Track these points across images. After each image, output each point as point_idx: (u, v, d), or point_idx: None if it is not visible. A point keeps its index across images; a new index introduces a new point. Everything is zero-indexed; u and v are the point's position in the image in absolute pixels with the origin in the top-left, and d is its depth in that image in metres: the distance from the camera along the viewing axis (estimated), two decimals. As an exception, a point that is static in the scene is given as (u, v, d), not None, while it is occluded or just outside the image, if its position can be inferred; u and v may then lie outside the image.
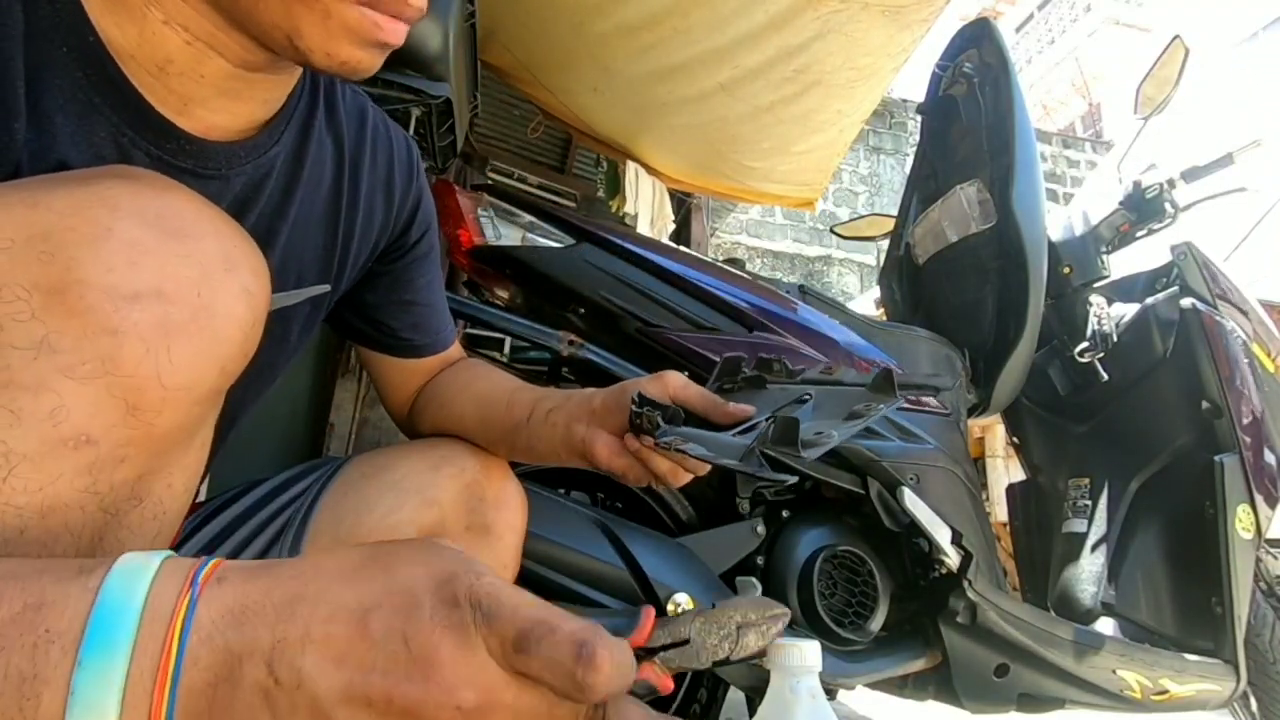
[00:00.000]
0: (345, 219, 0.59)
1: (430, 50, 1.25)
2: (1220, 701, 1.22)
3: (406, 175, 0.64)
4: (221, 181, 0.49)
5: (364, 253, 0.63)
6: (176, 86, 0.45)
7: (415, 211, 0.66)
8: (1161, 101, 1.45)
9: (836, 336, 1.13)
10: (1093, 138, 9.79)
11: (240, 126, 0.50)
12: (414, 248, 0.67)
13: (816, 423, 0.49)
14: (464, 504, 0.62)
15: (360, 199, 0.60)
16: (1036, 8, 16.50)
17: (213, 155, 0.48)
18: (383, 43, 0.44)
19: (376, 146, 0.62)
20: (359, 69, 0.45)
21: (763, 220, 6.83)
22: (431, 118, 1.37)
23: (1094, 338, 1.40)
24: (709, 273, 1.11)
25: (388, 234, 0.65)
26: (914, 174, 1.65)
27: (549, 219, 1.11)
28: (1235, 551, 1.21)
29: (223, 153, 0.49)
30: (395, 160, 0.63)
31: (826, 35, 2.20)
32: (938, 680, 1.08)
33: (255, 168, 0.51)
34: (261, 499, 0.61)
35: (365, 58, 0.45)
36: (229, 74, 0.46)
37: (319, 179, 0.57)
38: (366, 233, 0.62)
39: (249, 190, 0.52)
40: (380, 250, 0.65)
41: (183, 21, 0.44)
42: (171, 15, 0.43)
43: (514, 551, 0.64)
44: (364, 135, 0.61)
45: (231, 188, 0.50)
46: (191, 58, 0.45)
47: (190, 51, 0.45)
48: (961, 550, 1.05)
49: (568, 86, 2.66)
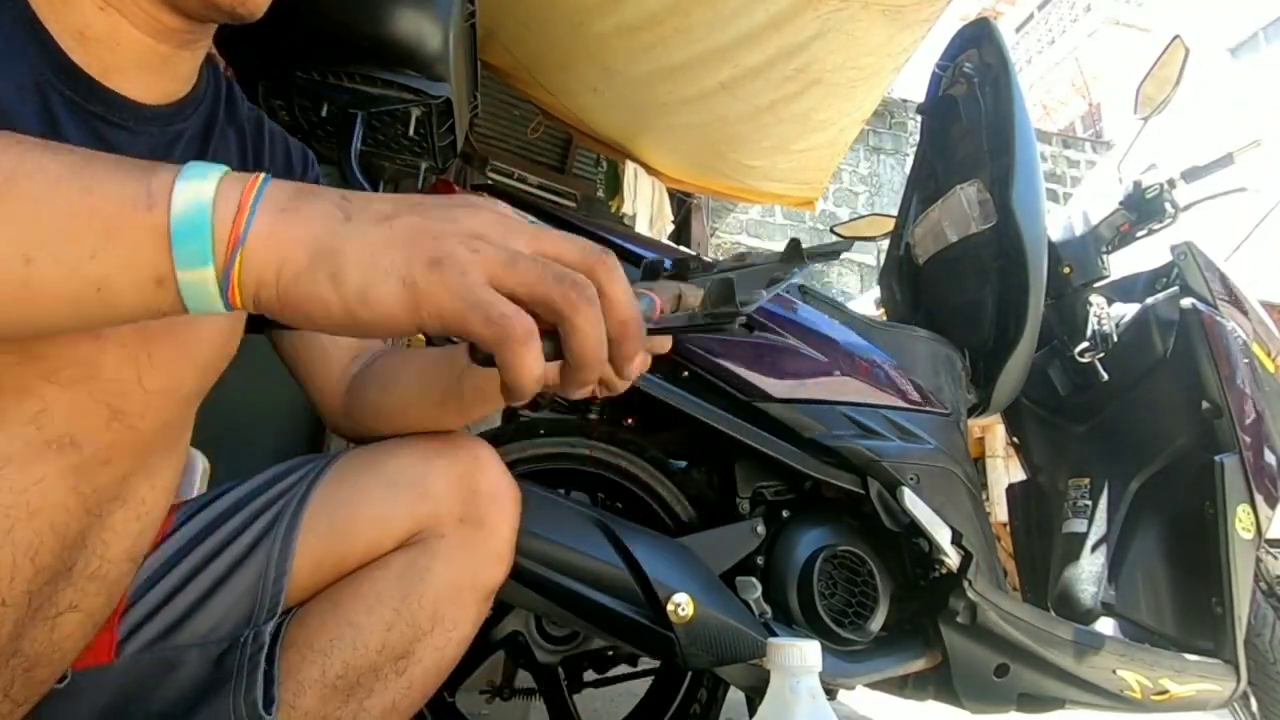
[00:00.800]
0: None
1: (430, 50, 1.25)
2: (1220, 701, 1.22)
3: (302, 163, 0.72)
4: (128, 134, 0.53)
5: None
6: (96, 52, 0.50)
7: None
8: (1161, 101, 1.45)
9: (836, 336, 1.12)
10: (1093, 138, 9.79)
11: (152, 100, 0.55)
12: None
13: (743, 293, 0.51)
14: (458, 497, 0.62)
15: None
16: (1036, 8, 16.50)
17: (121, 106, 0.53)
18: None
19: (274, 145, 0.69)
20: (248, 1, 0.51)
21: (763, 220, 6.83)
22: (431, 118, 1.37)
23: (1094, 338, 1.40)
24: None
25: None
26: (914, 174, 1.65)
27: (549, 219, 1.11)
28: (1235, 551, 1.21)
29: (130, 107, 0.53)
30: (292, 154, 0.71)
31: (827, 34, 2.20)
32: (938, 680, 1.08)
33: (161, 133, 0.56)
34: (252, 492, 0.61)
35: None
36: (141, 44, 0.52)
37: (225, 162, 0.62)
38: None
39: (153, 154, 0.55)
40: None
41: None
42: None
43: (508, 543, 0.64)
44: (262, 134, 0.68)
45: (136, 144, 0.54)
46: (107, 25, 0.51)
47: (104, 18, 0.50)
48: (961, 550, 1.05)
49: (568, 86, 2.66)
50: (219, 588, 0.55)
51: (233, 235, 0.31)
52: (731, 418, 1.01)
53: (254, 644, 0.54)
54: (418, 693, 0.59)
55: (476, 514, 0.62)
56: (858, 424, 1.07)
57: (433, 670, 0.60)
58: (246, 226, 0.31)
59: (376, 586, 0.58)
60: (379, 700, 0.57)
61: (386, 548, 0.60)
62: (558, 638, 1.09)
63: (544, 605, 0.90)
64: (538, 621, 1.08)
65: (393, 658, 0.57)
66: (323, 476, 0.62)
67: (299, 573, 0.58)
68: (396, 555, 0.60)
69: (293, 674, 0.55)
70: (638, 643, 0.91)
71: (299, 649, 0.56)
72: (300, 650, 0.56)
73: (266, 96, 1.29)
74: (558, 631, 1.09)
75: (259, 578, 0.56)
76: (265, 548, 0.57)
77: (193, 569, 0.55)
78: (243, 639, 0.54)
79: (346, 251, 0.32)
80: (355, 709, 0.56)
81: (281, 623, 0.57)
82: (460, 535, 0.61)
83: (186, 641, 0.54)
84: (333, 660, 0.56)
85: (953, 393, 1.23)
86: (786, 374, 1.04)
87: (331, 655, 0.56)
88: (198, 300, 0.32)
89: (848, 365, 1.09)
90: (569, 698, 1.08)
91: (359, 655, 0.56)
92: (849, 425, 1.06)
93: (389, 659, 0.57)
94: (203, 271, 0.31)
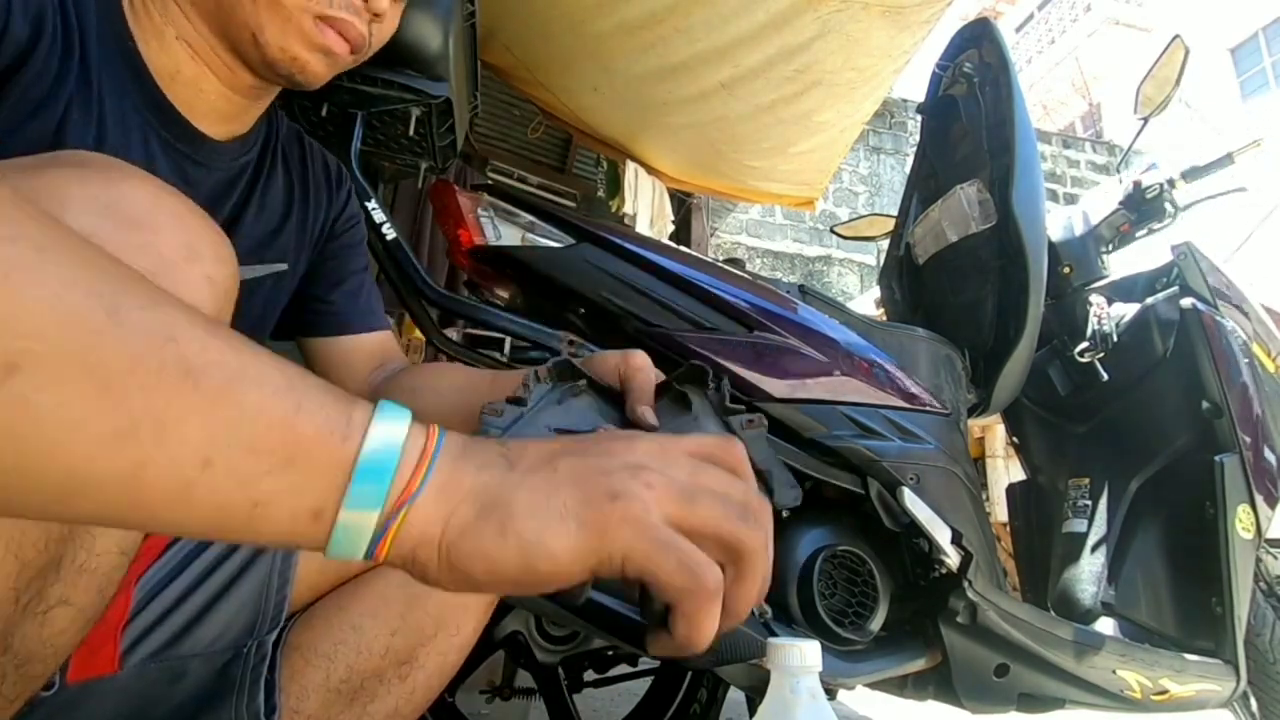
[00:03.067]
0: (298, 209, 0.73)
1: (430, 50, 1.25)
2: (1220, 701, 1.22)
3: (338, 176, 0.80)
4: (206, 171, 0.62)
5: (312, 237, 0.75)
6: (182, 94, 0.58)
7: (345, 205, 0.80)
8: (1162, 101, 1.45)
9: (836, 336, 1.12)
10: (1093, 138, 9.79)
11: (223, 137, 0.63)
12: (346, 234, 0.80)
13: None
14: None
15: (310, 193, 0.74)
16: (1036, 8, 16.50)
17: (204, 146, 0.61)
18: (326, 48, 0.58)
19: (314, 157, 0.78)
20: (306, 69, 0.59)
21: (763, 220, 6.82)
22: (431, 118, 1.37)
23: (1094, 338, 1.40)
24: (709, 273, 1.11)
25: (329, 221, 0.78)
26: (914, 174, 1.65)
27: (549, 219, 1.11)
28: (1235, 551, 1.21)
29: (212, 147, 0.62)
30: (329, 166, 0.79)
31: (827, 35, 2.20)
32: (938, 680, 1.08)
33: (229, 168, 0.65)
34: None
35: (312, 60, 0.59)
36: (220, 94, 0.60)
37: (275, 182, 0.71)
38: (315, 218, 0.75)
39: (223, 186, 0.64)
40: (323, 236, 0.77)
41: (189, 39, 0.56)
42: (182, 33, 0.57)
43: None
44: (304, 151, 0.77)
45: (212, 178, 0.63)
46: (195, 72, 0.58)
47: (194, 66, 0.58)
48: (961, 550, 1.05)
49: (568, 86, 2.66)
50: (222, 597, 0.55)
51: (410, 485, 0.29)
52: (731, 418, 1.01)
53: (257, 654, 0.54)
54: (420, 697, 0.59)
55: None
56: (858, 424, 1.07)
57: (435, 675, 0.60)
58: (426, 476, 0.30)
59: (381, 591, 0.59)
60: (382, 705, 0.57)
61: None
62: (558, 638, 1.09)
63: (544, 605, 0.90)
64: (538, 621, 1.08)
65: (396, 662, 0.57)
66: None
67: (302, 579, 0.58)
68: None
69: (296, 678, 0.55)
70: (637, 643, 0.91)
71: (303, 653, 0.56)
72: (304, 654, 0.56)
73: (266, 97, 1.29)
74: (558, 631, 1.09)
75: (262, 586, 0.56)
76: (268, 556, 0.57)
77: (196, 579, 0.55)
78: (246, 649, 0.54)
79: (516, 500, 0.30)
80: (358, 713, 0.56)
81: (284, 630, 0.57)
82: None
83: (190, 651, 0.54)
84: (337, 665, 0.56)
85: (953, 393, 1.23)
86: (786, 374, 1.04)
87: (336, 660, 0.56)
88: (341, 545, 0.29)
89: (848, 365, 1.09)
90: (569, 698, 1.08)
91: (363, 660, 0.56)
92: (849, 425, 1.06)
93: (392, 664, 0.57)
94: (368, 516, 0.29)
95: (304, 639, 0.56)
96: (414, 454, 0.30)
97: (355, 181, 1.22)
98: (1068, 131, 12.37)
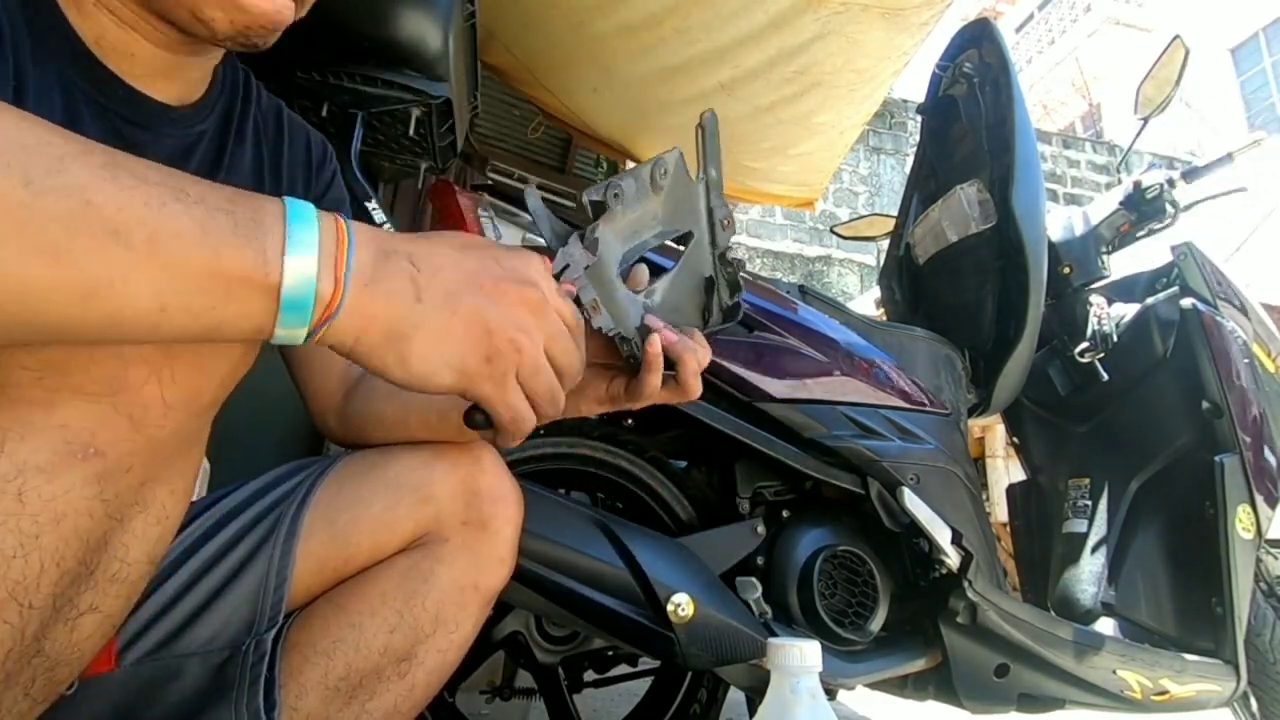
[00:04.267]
0: (270, 188, 0.68)
1: (430, 50, 1.25)
2: (1220, 702, 1.22)
3: (321, 158, 0.75)
4: (152, 134, 0.57)
5: None
6: (113, 57, 0.54)
7: (327, 190, 0.76)
8: (1162, 102, 1.45)
9: (836, 336, 1.12)
10: (1093, 138, 9.78)
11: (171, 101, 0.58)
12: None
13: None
14: (460, 499, 0.62)
15: (283, 174, 0.70)
16: (1036, 8, 16.49)
17: (143, 106, 0.56)
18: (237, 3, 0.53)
19: (294, 138, 0.72)
20: (214, 25, 0.53)
21: (763, 220, 6.83)
22: (431, 118, 1.37)
23: (1094, 338, 1.40)
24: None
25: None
26: (914, 174, 1.65)
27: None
28: (1235, 551, 1.21)
29: (154, 108, 0.57)
30: (311, 145, 0.74)
31: (826, 37, 2.20)
32: (938, 680, 1.08)
33: (182, 136, 0.59)
34: (250, 497, 0.61)
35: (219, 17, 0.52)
36: (154, 55, 0.56)
37: (241, 158, 0.66)
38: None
39: (178, 155, 0.59)
40: None
41: (109, 6, 0.53)
42: (101, 1, 0.53)
43: (511, 546, 0.64)
44: (281, 128, 0.71)
45: (160, 144, 0.57)
46: (121, 37, 0.54)
47: (119, 32, 0.54)
48: (961, 550, 1.05)
49: (568, 86, 2.66)
50: (219, 595, 0.55)
51: (327, 311, 0.38)
52: (731, 418, 1.01)
53: (256, 652, 0.54)
54: (419, 695, 0.59)
55: (479, 517, 0.62)
56: (858, 424, 1.07)
57: (434, 672, 0.60)
58: (339, 307, 0.38)
59: (380, 588, 0.58)
60: (381, 702, 0.57)
61: (390, 551, 0.60)
62: (558, 638, 1.09)
63: (544, 605, 0.90)
64: (538, 621, 1.08)
65: (395, 660, 0.57)
66: (322, 480, 0.62)
67: (301, 577, 0.58)
68: (400, 558, 0.60)
69: (295, 676, 0.55)
70: (638, 643, 0.91)
71: (301, 650, 0.56)
72: (303, 652, 0.56)
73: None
74: (558, 631, 1.09)
75: (260, 585, 0.56)
76: (265, 554, 0.57)
77: (192, 576, 0.55)
78: (244, 647, 0.54)
79: (414, 339, 0.40)
80: (357, 711, 0.56)
81: (283, 628, 0.57)
82: (463, 538, 0.61)
83: (187, 650, 0.53)
84: (335, 662, 0.55)
85: (953, 393, 1.23)
86: (787, 374, 1.04)
87: (334, 657, 0.55)
88: (285, 340, 0.38)
89: (848, 365, 1.09)
90: (569, 698, 1.08)
91: (361, 657, 0.56)
92: (849, 425, 1.06)
93: (391, 661, 0.57)
94: (298, 331, 0.37)
95: (302, 637, 0.56)
96: (328, 283, 0.37)
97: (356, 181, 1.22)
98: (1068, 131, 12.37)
